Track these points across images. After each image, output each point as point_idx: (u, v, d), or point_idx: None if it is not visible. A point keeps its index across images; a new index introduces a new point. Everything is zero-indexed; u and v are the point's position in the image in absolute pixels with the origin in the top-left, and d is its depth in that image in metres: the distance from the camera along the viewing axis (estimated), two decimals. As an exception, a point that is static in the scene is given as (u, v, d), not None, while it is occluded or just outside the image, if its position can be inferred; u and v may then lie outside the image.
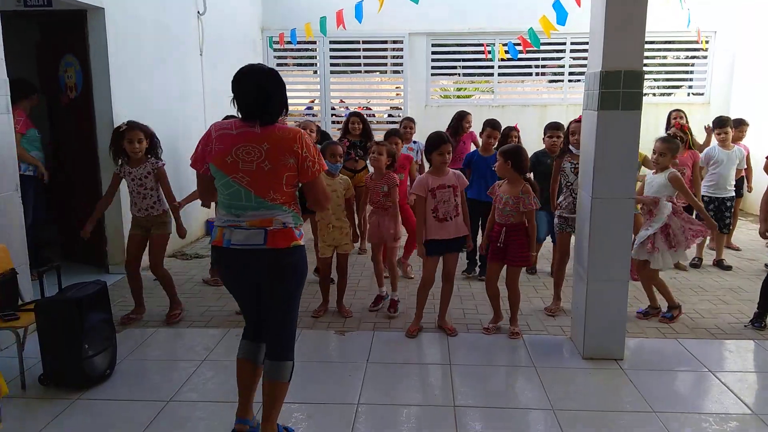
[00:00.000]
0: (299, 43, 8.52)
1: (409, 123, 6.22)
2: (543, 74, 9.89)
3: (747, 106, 8.27)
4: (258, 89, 2.50)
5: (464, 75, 10.03)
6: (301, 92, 9.76)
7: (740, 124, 6.10)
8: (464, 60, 9.50)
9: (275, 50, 9.14)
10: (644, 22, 3.40)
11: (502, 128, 5.53)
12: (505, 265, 4.10)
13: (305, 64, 9.98)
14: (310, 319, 4.34)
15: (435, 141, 3.97)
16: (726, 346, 3.96)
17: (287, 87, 2.67)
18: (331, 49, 9.21)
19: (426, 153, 4.06)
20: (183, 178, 5.62)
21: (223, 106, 7.04)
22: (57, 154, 5.76)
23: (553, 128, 5.22)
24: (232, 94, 2.55)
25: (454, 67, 9.79)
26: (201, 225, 7.00)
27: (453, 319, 4.29)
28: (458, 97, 10.55)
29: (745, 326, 4.21)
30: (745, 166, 5.95)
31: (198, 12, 6.73)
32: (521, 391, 3.38)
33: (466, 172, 5.10)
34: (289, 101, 2.74)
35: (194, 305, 4.66)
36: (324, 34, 7.49)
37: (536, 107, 9.06)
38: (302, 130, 2.61)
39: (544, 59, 9.45)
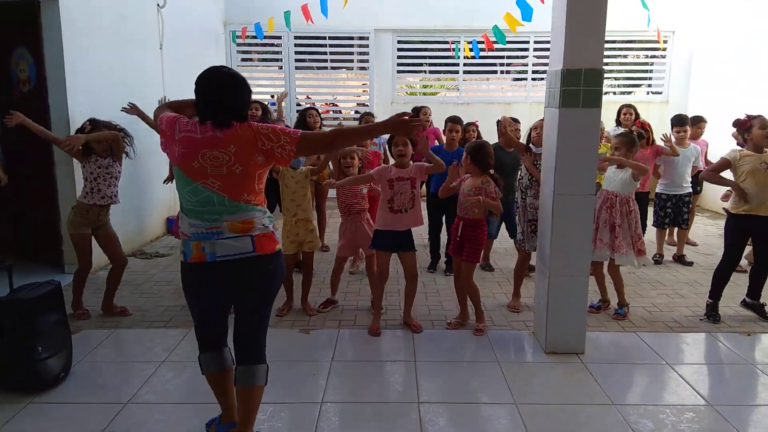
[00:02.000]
0: (264, 37, 8.39)
1: (368, 118, 6.17)
2: (508, 72, 9.99)
3: (704, 104, 8.51)
4: (218, 92, 2.40)
5: (430, 72, 10.06)
6: (266, 88, 9.63)
7: (698, 122, 6.24)
8: (430, 57, 9.52)
9: (238, 45, 9.00)
10: (605, 22, 3.45)
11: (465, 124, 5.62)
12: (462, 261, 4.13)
13: (270, 60, 9.85)
14: (275, 318, 4.29)
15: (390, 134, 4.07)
16: (683, 339, 4.06)
17: (252, 82, 2.53)
18: (296, 45, 9.12)
19: (388, 147, 4.12)
20: (142, 174, 5.50)
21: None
22: (9, 150, 5.55)
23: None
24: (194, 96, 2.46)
25: (421, 65, 9.81)
26: (161, 223, 6.84)
27: (418, 315, 4.30)
28: (424, 94, 10.57)
29: (701, 320, 4.33)
30: (701, 164, 6.07)
31: (158, 5, 6.56)
32: (484, 386, 3.39)
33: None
34: (255, 96, 2.63)
35: (153, 305, 4.56)
36: (289, 29, 7.41)
37: (500, 105, 9.14)
38: (254, 122, 2.46)
39: (508, 57, 9.55)
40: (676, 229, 6.04)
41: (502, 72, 9.90)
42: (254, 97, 2.75)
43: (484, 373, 3.53)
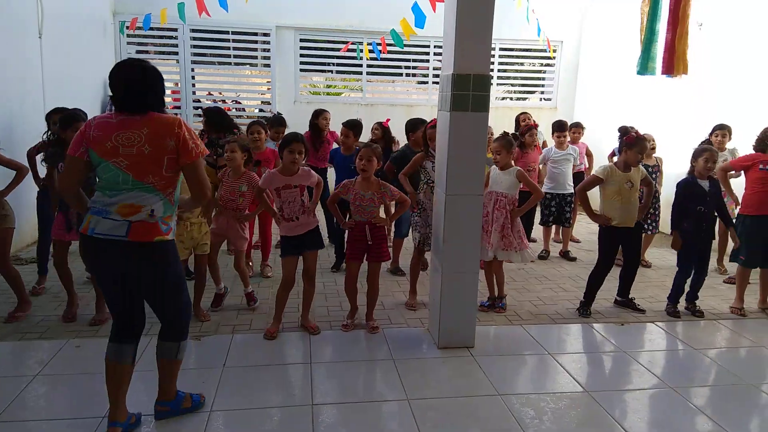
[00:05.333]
0: (159, 29, 8.02)
1: (257, 128, 5.45)
2: (414, 75, 10.19)
3: (588, 111, 9.15)
4: (128, 83, 2.57)
5: (336, 72, 10.04)
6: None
7: (576, 127, 6.71)
8: (334, 57, 9.52)
9: (130, 36, 8.52)
10: (491, 30, 3.60)
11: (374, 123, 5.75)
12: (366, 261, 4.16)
13: (168, 53, 9.41)
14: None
15: (286, 139, 3.95)
16: (564, 330, 4.33)
17: None
18: (195, 38, 8.79)
19: (279, 150, 3.98)
20: (11, 172, 5.06)
21: (65, 90, 6.50)
22: None
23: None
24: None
25: (326, 64, 9.77)
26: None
27: (317, 316, 4.28)
28: (328, 94, 10.55)
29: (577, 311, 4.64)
30: (583, 164, 6.56)
31: (36, -11, 6.09)
32: (379, 384, 3.45)
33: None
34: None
35: (28, 315, 4.21)
36: (183, 21, 7.13)
37: (404, 107, 9.31)
38: (181, 118, 2.66)
39: (413, 61, 9.73)
40: (561, 227, 6.46)
41: (407, 75, 10.09)
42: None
43: (379, 371, 3.58)
